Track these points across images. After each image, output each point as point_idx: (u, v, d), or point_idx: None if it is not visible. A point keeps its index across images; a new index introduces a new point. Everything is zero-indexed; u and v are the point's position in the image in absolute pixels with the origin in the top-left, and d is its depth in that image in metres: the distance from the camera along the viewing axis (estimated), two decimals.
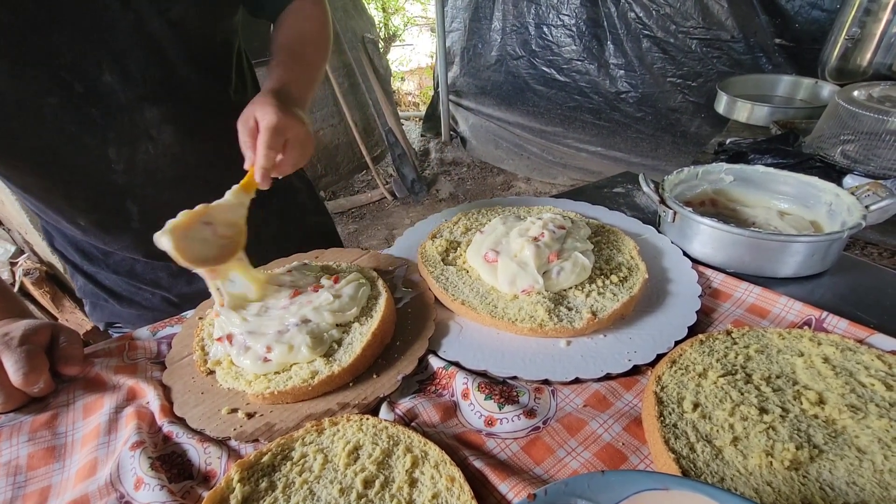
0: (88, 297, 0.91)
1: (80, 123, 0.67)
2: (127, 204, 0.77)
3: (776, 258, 0.70)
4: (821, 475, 0.43)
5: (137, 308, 0.90)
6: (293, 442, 0.49)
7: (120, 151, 0.71)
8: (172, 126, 0.73)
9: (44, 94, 0.63)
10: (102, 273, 0.87)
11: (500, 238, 0.73)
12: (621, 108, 2.83)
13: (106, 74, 0.65)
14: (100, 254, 0.85)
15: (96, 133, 0.69)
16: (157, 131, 0.72)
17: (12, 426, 0.55)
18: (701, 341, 0.58)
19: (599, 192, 1.01)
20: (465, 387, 0.55)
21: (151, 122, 0.71)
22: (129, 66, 0.66)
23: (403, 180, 3.37)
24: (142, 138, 0.72)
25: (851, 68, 1.61)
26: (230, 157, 0.83)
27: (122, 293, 0.89)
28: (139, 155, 0.73)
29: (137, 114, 0.70)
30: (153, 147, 0.73)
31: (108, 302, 0.89)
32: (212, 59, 0.77)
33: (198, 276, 0.88)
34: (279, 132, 0.63)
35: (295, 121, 0.65)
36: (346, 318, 0.63)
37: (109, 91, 0.66)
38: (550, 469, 0.47)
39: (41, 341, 0.58)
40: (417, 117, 4.60)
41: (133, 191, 0.76)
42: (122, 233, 0.80)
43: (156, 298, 0.89)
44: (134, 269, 0.86)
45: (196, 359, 0.62)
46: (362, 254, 0.81)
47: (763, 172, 0.86)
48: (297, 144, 0.66)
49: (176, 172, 0.77)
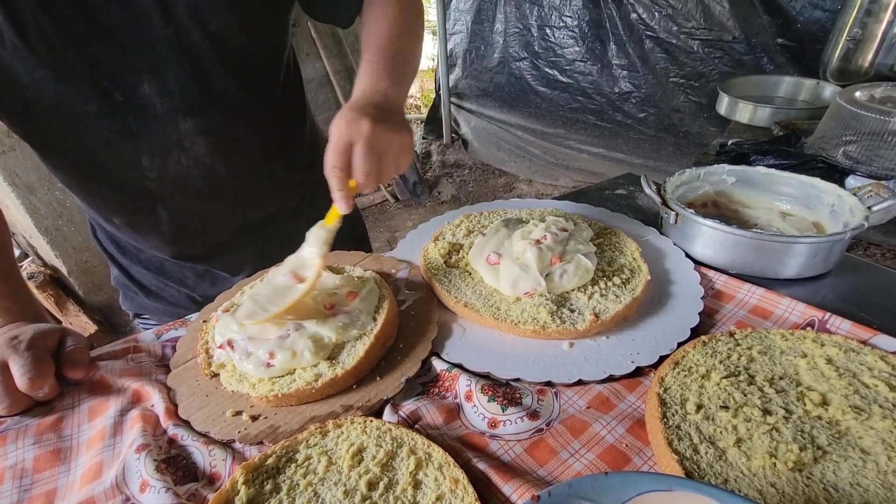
0: (121, 287, 0.93)
1: (117, 131, 0.68)
2: (158, 209, 0.78)
3: (779, 259, 0.70)
4: (825, 476, 0.43)
5: (164, 303, 0.92)
6: (297, 444, 0.50)
7: (153, 160, 0.72)
8: (205, 138, 0.73)
9: (84, 102, 0.64)
10: (134, 267, 0.89)
11: (503, 240, 0.73)
12: (624, 109, 2.84)
13: (144, 85, 0.65)
14: (133, 249, 0.87)
15: (131, 141, 0.69)
16: (189, 143, 0.72)
17: (18, 429, 0.55)
18: (704, 343, 0.58)
19: (601, 194, 1.02)
20: (468, 389, 0.55)
21: (185, 133, 0.71)
22: (167, 78, 0.66)
23: (405, 183, 3.38)
24: (174, 149, 0.72)
25: (853, 69, 1.61)
26: (262, 171, 0.84)
27: (150, 287, 0.91)
28: (171, 164, 0.73)
29: (172, 125, 0.70)
30: (185, 157, 0.73)
31: (137, 294, 0.92)
32: (255, 73, 0.75)
33: (221, 278, 0.90)
34: (342, 147, 0.58)
35: (363, 123, 0.58)
36: (349, 336, 0.61)
37: (147, 101, 0.66)
38: (554, 471, 0.47)
39: (49, 345, 0.59)
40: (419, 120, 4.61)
41: (164, 198, 0.77)
42: (153, 235, 0.82)
43: (181, 296, 0.91)
44: (163, 267, 0.89)
45: (200, 362, 0.62)
46: (365, 256, 0.82)
47: (765, 174, 0.86)
48: (364, 151, 0.58)
49: (206, 183, 0.77)
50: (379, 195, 3.42)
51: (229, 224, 0.86)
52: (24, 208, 2.02)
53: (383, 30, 0.74)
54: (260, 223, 0.89)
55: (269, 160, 0.84)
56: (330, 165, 0.59)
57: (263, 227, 0.89)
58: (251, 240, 0.89)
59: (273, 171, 0.85)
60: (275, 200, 0.89)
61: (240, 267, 0.90)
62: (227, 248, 0.88)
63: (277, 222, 0.91)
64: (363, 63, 0.71)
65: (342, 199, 0.60)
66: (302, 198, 0.93)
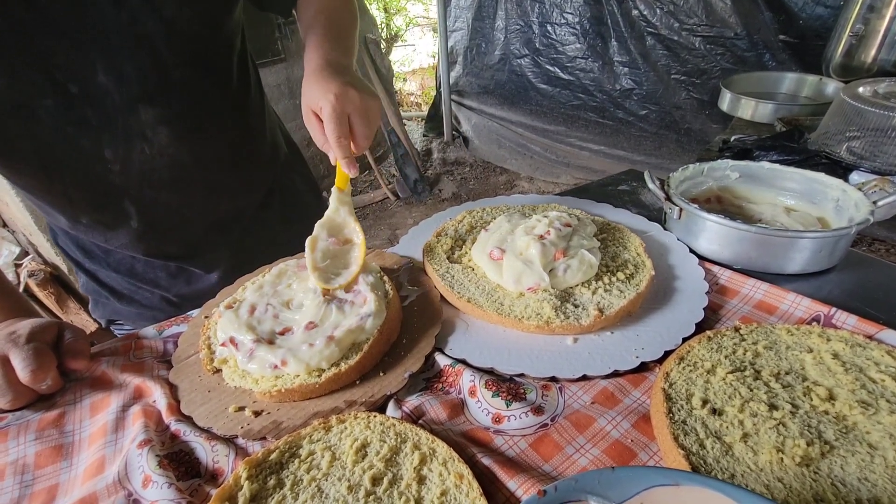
0: (90, 293, 0.91)
1: (76, 125, 0.67)
2: (125, 204, 0.77)
3: (783, 254, 0.70)
4: (832, 471, 0.43)
5: (137, 306, 0.90)
6: (301, 440, 0.49)
7: (116, 152, 0.71)
8: (167, 127, 0.72)
9: (39, 96, 0.63)
10: (103, 271, 0.87)
11: (506, 236, 0.73)
12: (625, 106, 2.83)
13: (100, 75, 0.65)
14: (101, 252, 0.85)
15: (92, 134, 0.68)
16: (151, 132, 0.72)
17: (19, 425, 0.55)
18: (709, 338, 0.57)
19: (604, 190, 1.01)
20: (472, 384, 0.55)
21: (146, 123, 0.71)
22: (122, 66, 0.65)
23: (406, 180, 3.38)
24: (137, 139, 0.71)
25: (856, 65, 1.60)
26: (227, 160, 0.84)
27: (122, 291, 0.89)
28: (134, 156, 0.72)
29: (132, 115, 0.69)
30: (149, 148, 0.72)
31: (108, 299, 0.90)
32: (210, 61, 0.76)
33: (196, 276, 0.89)
34: (340, 116, 0.62)
35: (351, 93, 0.63)
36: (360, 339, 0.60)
37: (104, 92, 0.66)
38: (559, 466, 0.47)
39: (48, 339, 0.59)
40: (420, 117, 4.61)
41: (130, 192, 0.76)
42: (122, 232, 0.80)
43: (155, 298, 0.90)
44: (134, 269, 0.87)
45: (202, 357, 0.61)
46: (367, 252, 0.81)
47: (769, 169, 0.85)
48: (360, 118, 0.64)
49: (172, 174, 0.76)
50: (380, 193, 3.41)
51: (200, 218, 0.85)
52: (24, 205, 2.02)
53: (323, 10, 0.80)
54: (231, 218, 0.88)
55: (232, 149, 0.84)
56: (335, 136, 0.62)
57: (235, 221, 0.89)
58: (224, 236, 0.88)
59: (237, 160, 0.85)
60: (242, 192, 0.89)
61: (214, 264, 0.89)
62: (200, 244, 0.87)
63: (248, 216, 0.91)
64: (311, 37, 0.75)
65: (349, 163, 0.65)
66: (268, 190, 0.93)
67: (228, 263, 0.89)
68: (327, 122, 0.62)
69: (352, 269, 0.67)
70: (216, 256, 0.89)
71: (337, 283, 0.64)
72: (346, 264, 0.68)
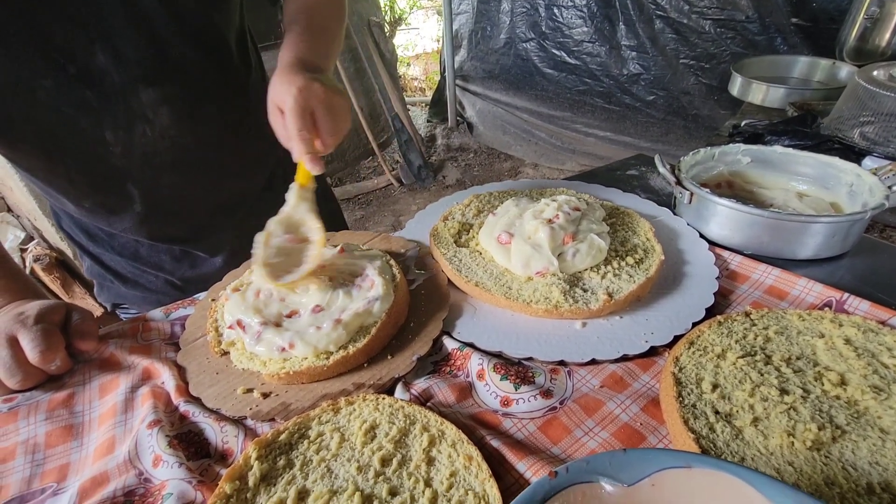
0: (95, 277, 0.91)
1: (76, 106, 0.66)
2: (128, 187, 0.76)
3: (796, 239, 0.69)
4: (843, 455, 0.43)
5: (142, 290, 0.90)
6: (310, 421, 0.49)
7: (116, 134, 0.70)
8: (169, 108, 0.72)
9: (38, 77, 0.62)
10: (107, 255, 0.87)
11: (514, 220, 0.72)
12: (632, 92, 2.79)
13: (98, 55, 0.64)
14: (104, 235, 0.85)
15: (92, 116, 0.67)
16: (153, 113, 0.71)
17: (29, 405, 0.55)
18: (719, 322, 0.57)
19: (612, 175, 1.00)
20: (480, 367, 0.55)
21: (147, 104, 0.70)
22: (121, 46, 0.65)
23: (410, 166, 3.35)
24: (138, 121, 0.70)
25: (870, 48, 1.57)
26: (231, 142, 0.83)
27: (126, 275, 0.89)
28: (136, 138, 0.71)
29: (133, 96, 0.68)
30: (150, 130, 0.72)
31: (113, 283, 0.90)
32: (210, 41, 0.74)
33: (200, 259, 0.89)
34: (303, 109, 0.60)
35: (315, 87, 0.61)
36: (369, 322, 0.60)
37: (103, 72, 0.65)
38: (568, 448, 0.47)
39: (56, 320, 0.59)
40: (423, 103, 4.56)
41: (133, 174, 0.75)
42: (125, 216, 0.80)
43: (159, 281, 0.89)
44: (138, 252, 0.86)
45: (210, 340, 0.62)
46: (373, 236, 0.81)
47: (782, 153, 0.84)
48: (325, 112, 0.61)
49: (174, 156, 0.76)
50: (383, 179, 3.39)
51: (203, 201, 0.84)
52: (28, 190, 2.01)
53: (306, 8, 0.77)
54: (234, 201, 0.88)
55: (233, 130, 0.82)
56: (296, 129, 0.60)
57: (238, 204, 0.88)
58: (227, 219, 0.88)
59: (240, 142, 0.84)
60: (245, 174, 0.88)
61: (218, 247, 0.89)
62: (203, 227, 0.87)
63: (251, 199, 0.90)
64: (289, 34, 0.73)
65: (312, 160, 0.62)
66: (272, 172, 0.92)
67: (232, 246, 0.89)
68: (289, 116, 0.60)
69: (303, 268, 0.63)
70: (220, 239, 0.89)
71: (286, 281, 0.62)
72: (299, 262, 0.64)
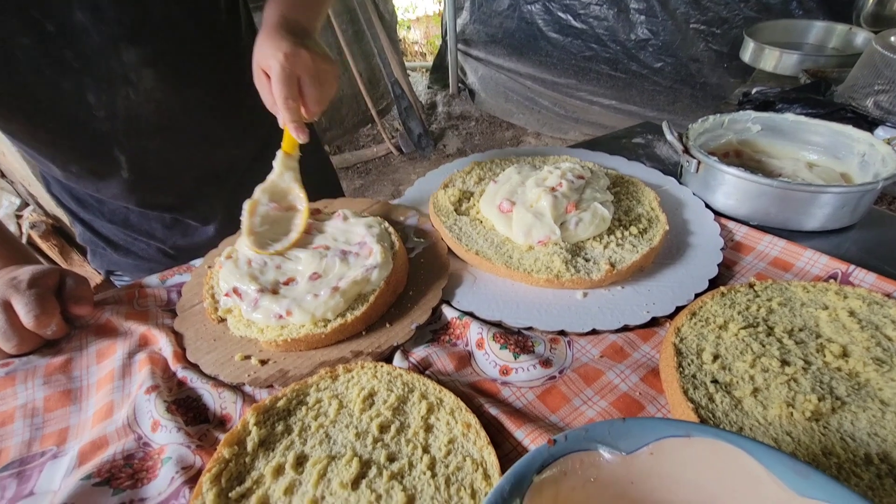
0: (87, 243, 0.90)
1: (55, 66, 0.63)
2: (114, 152, 0.74)
3: (804, 210, 0.67)
4: (842, 426, 0.43)
5: (134, 258, 0.89)
6: (308, 388, 0.49)
7: (99, 97, 0.67)
8: (152, 70, 0.69)
9: (15, 35, 0.59)
10: (98, 221, 0.85)
11: (516, 187, 0.70)
12: (639, 58, 2.70)
13: (76, 13, 0.61)
14: (94, 201, 0.83)
15: (72, 76, 0.65)
16: (136, 75, 0.68)
17: (26, 370, 0.55)
18: (722, 294, 0.56)
19: (617, 143, 0.97)
20: (479, 336, 0.54)
21: (129, 65, 0.67)
22: (99, 3, 0.62)
23: (410, 134, 3.29)
24: (120, 83, 0.68)
25: (888, 14, 1.50)
26: (218, 106, 0.80)
27: (118, 242, 0.88)
28: (119, 101, 0.69)
29: (113, 56, 0.65)
30: (133, 92, 0.69)
31: (105, 250, 0.89)
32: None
33: (192, 227, 0.87)
34: (289, 77, 0.59)
35: (302, 53, 0.59)
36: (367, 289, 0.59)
37: (82, 30, 0.62)
38: (566, 417, 0.47)
39: (50, 284, 0.58)
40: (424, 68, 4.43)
41: (118, 139, 0.73)
42: (113, 182, 0.78)
43: (151, 249, 0.88)
44: (128, 219, 0.85)
45: (207, 307, 0.61)
46: (372, 203, 0.79)
47: (793, 121, 0.81)
48: (310, 79, 0.60)
49: (161, 121, 0.73)
50: (383, 147, 3.33)
51: (192, 169, 0.82)
52: (20, 155, 1.98)
53: None
54: (225, 169, 0.86)
55: (224, 96, 0.79)
56: (282, 97, 0.59)
57: (229, 173, 0.86)
58: (218, 188, 0.86)
59: (230, 108, 0.81)
60: (234, 141, 0.85)
61: (210, 216, 0.87)
62: (193, 195, 0.85)
63: (242, 167, 0.88)
64: None
65: (299, 128, 0.62)
66: (264, 141, 0.89)
67: (224, 215, 0.87)
68: (275, 83, 0.59)
69: (290, 237, 0.64)
70: (211, 208, 0.87)
71: (273, 249, 0.63)
72: (287, 231, 0.66)
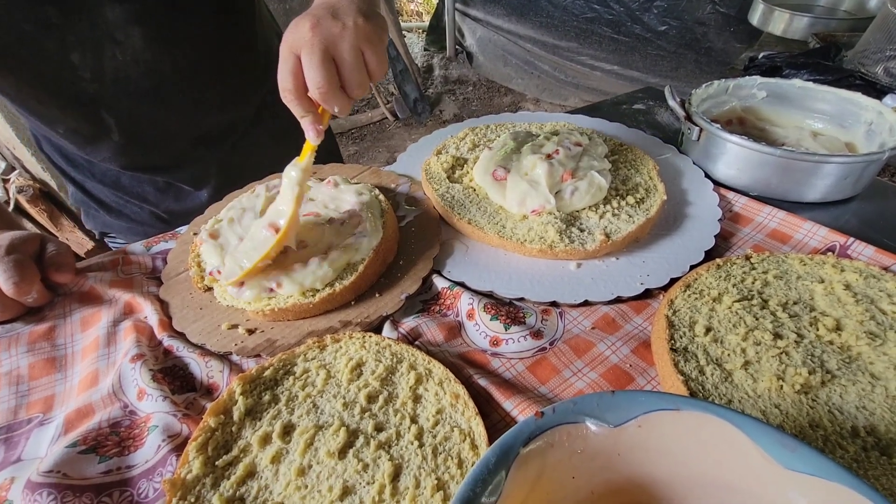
0: (80, 204, 0.88)
1: (37, 24, 0.59)
2: (102, 115, 0.70)
3: (805, 181, 0.66)
4: (830, 399, 0.42)
5: (127, 220, 0.87)
6: (295, 357, 0.49)
7: (84, 56, 0.64)
8: (140, 29, 0.65)
9: None
10: (90, 182, 0.83)
11: (511, 155, 0.68)
12: (643, 21, 2.60)
13: None
14: (84, 162, 0.80)
15: (55, 35, 0.61)
16: (122, 34, 0.64)
17: (10, 337, 0.54)
18: (718, 266, 0.55)
19: (618, 109, 0.94)
20: (470, 307, 0.54)
21: (115, 23, 0.63)
22: None
23: (405, 99, 3.20)
24: (106, 42, 0.64)
25: None
26: (210, 68, 0.75)
27: (110, 204, 0.85)
28: (106, 62, 0.65)
29: (98, 13, 0.61)
30: (120, 53, 0.65)
31: (98, 211, 0.86)
32: None
33: (185, 192, 0.85)
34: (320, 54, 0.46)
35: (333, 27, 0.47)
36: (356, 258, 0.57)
37: None
38: (556, 388, 0.46)
39: (30, 250, 0.56)
40: (420, 29, 4.27)
41: (106, 102, 0.69)
42: (102, 145, 0.75)
43: (144, 213, 0.86)
44: (119, 181, 0.82)
45: (192, 275, 0.59)
46: (363, 169, 0.77)
47: (800, 88, 0.78)
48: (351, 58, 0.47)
49: (151, 83, 0.70)
50: (378, 112, 3.25)
51: (185, 133, 0.79)
52: (3, 116, 1.91)
53: None
54: (219, 133, 0.82)
55: (216, 56, 0.75)
56: (282, 89, 0.49)
57: (223, 136, 0.83)
58: (212, 152, 0.83)
59: (222, 69, 0.77)
60: (229, 105, 0.81)
61: (203, 180, 0.84)
62: (186, 159, 0.82)
63: (237, 132, 0.84)
64: None
65: (310, 125, 0.50)
66: (260, 105, 0.86)
67: (217, 180, 0.84)
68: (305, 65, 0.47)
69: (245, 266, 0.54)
70: (204, 173, 0.84)
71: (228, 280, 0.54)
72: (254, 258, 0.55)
